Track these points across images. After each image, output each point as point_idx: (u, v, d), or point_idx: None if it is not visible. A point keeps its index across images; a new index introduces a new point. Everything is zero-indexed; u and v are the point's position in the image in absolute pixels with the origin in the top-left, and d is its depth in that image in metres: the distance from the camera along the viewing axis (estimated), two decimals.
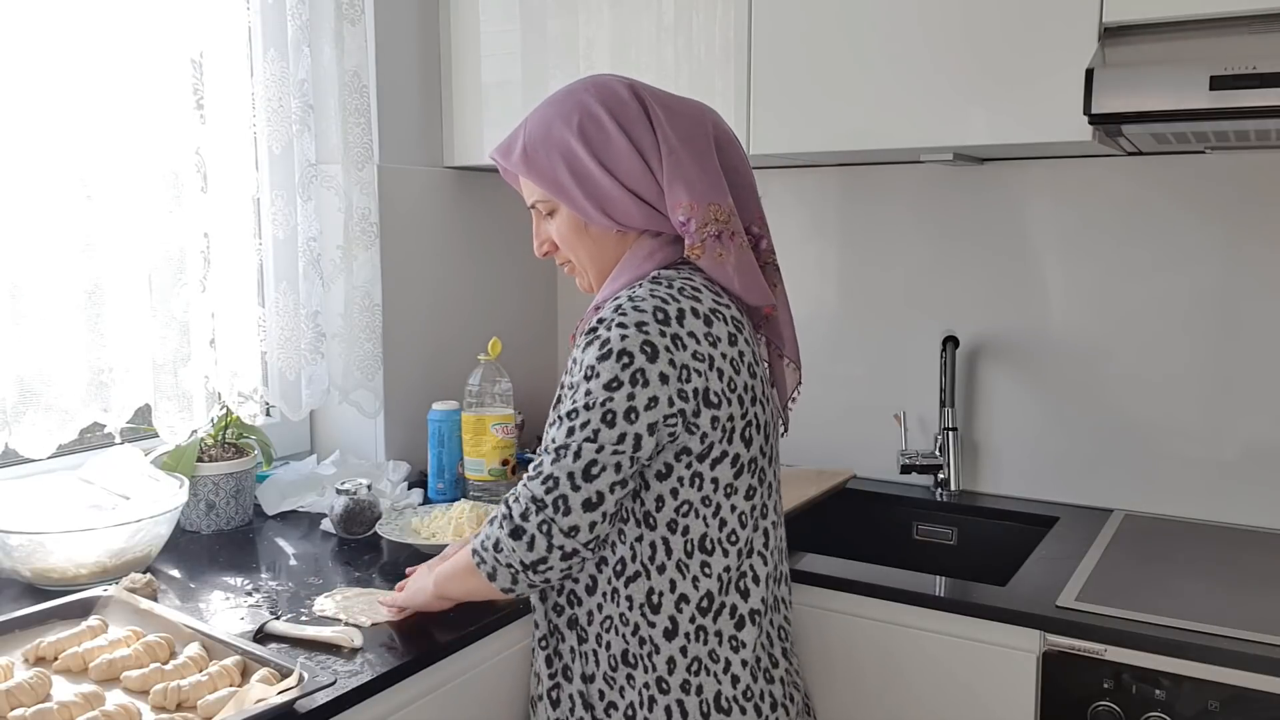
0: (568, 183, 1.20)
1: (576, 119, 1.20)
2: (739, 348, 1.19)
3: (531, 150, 1.22)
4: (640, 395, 1.10)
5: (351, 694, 1.15)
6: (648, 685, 1.20)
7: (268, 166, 1.76)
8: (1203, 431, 1.79)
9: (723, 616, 1.20)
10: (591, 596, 1.22)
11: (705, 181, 1.19)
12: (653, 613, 1.19)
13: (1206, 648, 1.28)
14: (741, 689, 1.20)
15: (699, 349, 1.14)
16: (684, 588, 1.18)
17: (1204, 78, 1.32)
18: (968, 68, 1.58)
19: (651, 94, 1.23)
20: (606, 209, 1.20)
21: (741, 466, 1.19)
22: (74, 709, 1.07)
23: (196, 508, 1.70)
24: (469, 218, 2.16)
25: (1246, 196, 1.73)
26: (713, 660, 1.19)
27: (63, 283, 1.49)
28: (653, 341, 1.11)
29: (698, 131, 1.22)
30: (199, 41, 1.63)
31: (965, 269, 1.97)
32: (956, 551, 1.92)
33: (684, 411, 1.13)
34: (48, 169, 1.46)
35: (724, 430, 1.16)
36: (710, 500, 1.17)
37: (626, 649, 1.20)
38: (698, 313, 1.15)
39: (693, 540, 1.17)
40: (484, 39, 2.02)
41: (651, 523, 1.17)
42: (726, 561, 1.19)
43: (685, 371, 1.12)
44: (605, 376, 1.11)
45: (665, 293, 1.15)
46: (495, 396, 1.88)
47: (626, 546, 1.19)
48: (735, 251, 1.20)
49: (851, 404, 2.09)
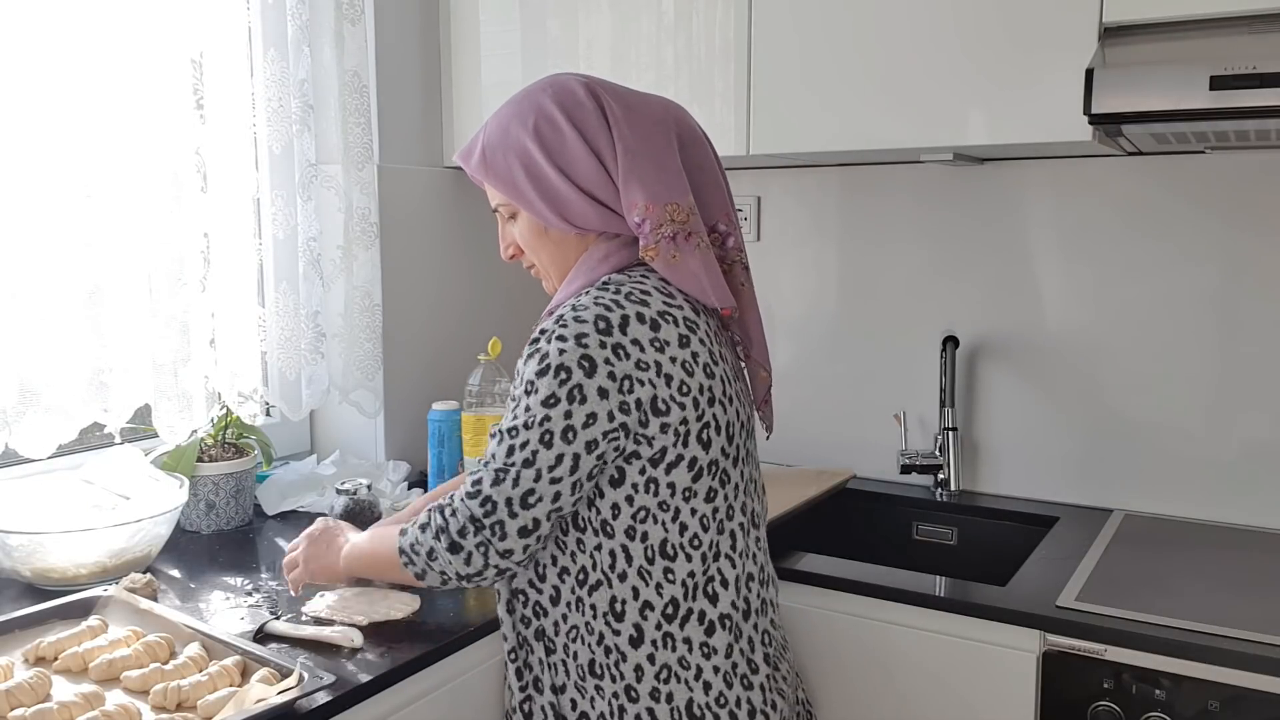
0: (524, 186, 1.19)
1: (532, 120, 1.18)
2: (691, 349, 1.15)
3: (490, 153, 1.21)
4: (578, 412, 1.09)
5: (351, 694, 1.15)
6: (616, 695, 1.18)
7: (268, 166, 1.76)
8: (1203, 431, 1.79)
9: (690, 623, 1.17)
10: (556, 607, 1.20)
11: (663, 181, 1.16)
12: (616, 621, 1.16)
13: (1206, 648, 1.28)
14: (714, 695, 1.17)
15: (643, 356, 1.11)
16: (647, 595, 1.16)
17: (1204, 78, 1.32)
18: (967, 68, 1.58)
19: (611, 92, 1.20)
20: (563, 212, 1.18)
21: (700, 469, 1.15)
22: (74, 709, 1.07)
23: (196, 508, 1.70)
24: (469, 218, 2.16)
25: (1246, 196, 1.73)
26: (683, 667, 1.17)
27: (63, 283, 1.48)
28: (590, 355, 1.09)
29: (657, 130, 1.19)
30: (199, 41, 1.63)
31: (965, 269, 1.97)
32: (956, 551, 1.92)
33: (626, 425, 1.11)
34: (48, 169, 1.46)
35: (676, 434, 1.13)
36: (668, 505, 1.14)
37: (593, 659, 1.18)
38: (643, 318, 1.12)
39: (653, 546, 1.15)
40: (484, 39, 2.02)
41: (609, 531, 1.15)
42: (690, 566, 1.16)
43: (628, 382, 1.10)
44: (543, 392, 1.10)
45: (610, 299, 1.13)
46: (495, 396, 1.88)
47: (586, 555, 1.17)
48: (692, 252, 1.16)
49: (851, 404, 2.09)
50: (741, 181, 2.13)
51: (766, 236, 2.14)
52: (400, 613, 1.35)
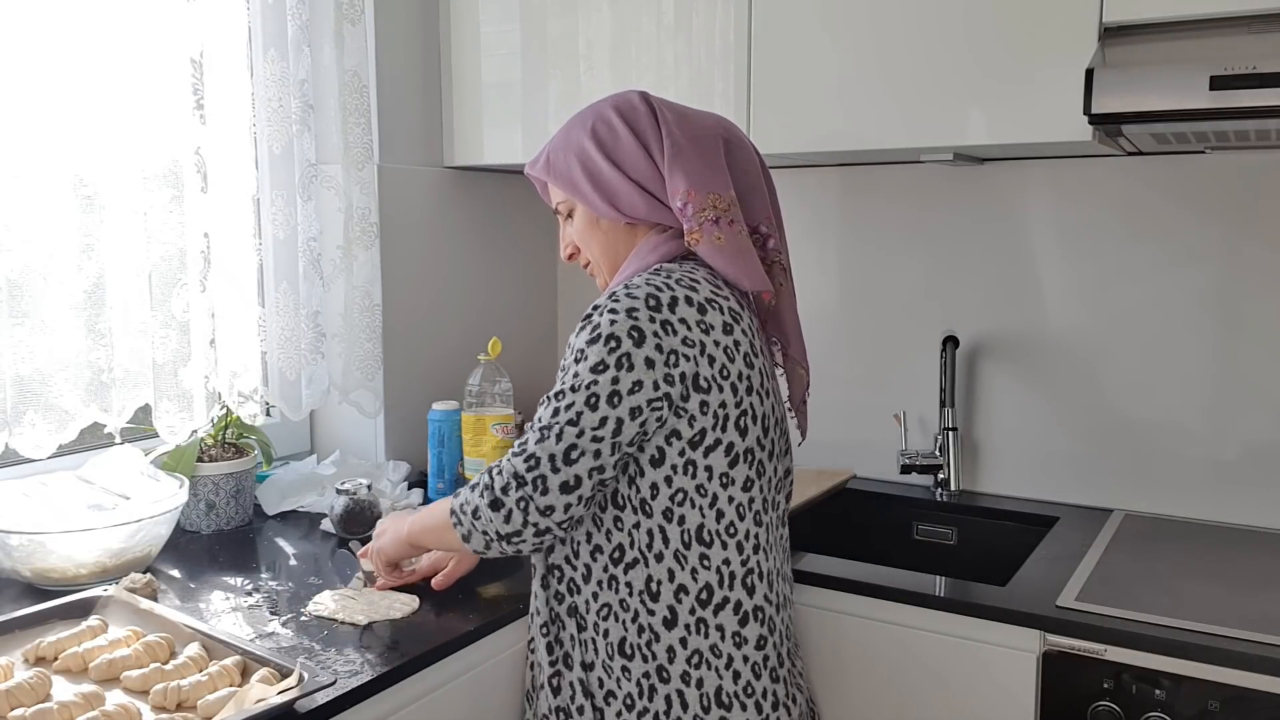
0: (579, 179, 1.28)
1: (591, 124, 1.29)
2: (734, 336, 1.21)
3: (553, 156, 1.32)
4: (624, 379, 1.14)
5: (351, 694, 1.15)
6: (647, 675, 1.21)
7: (268, 166, 1.77)
8: (1203, 431, 1.79)
9: (725, 611, 1.20)
10: (588, 584, 1.24)
11: (706, 173, 1.24)
12: (652, 600, 1.20)
13: (1206, 648, 1.28)
14: (743, 685, 1.21)
15: (689, 335, 1.16)
16: (682, 578, 1.19)
17: (1204, 78, 1.32)
18: (968, 68, 1.58)
19: (667, 104, 1.30)
20: (613, 201, 1.26)
21: (736, 456, 1.20)
22: (74, 709, 1.07)
23: (196, 508, 1.70)
24: (469, 218, 2.16)
25: (1246, 196, 1.73)
26: (714, 655, 1.20)
27: (63, 283, 1.49)
28: (640, 327, 1.15)
29: (705, 132, 1.28)
30: (199, 41, 1.63)
31: (965, 269, 1.97)
32: (956, 551, 1.92)
33: (669, 395, 1.15)
34: (48, 169, 1.46)
35: (715, 417, 1.18)
36: (705, 490, 1.19)
37: (625, 637, 1.21)
38: (691, 300, 1.18)
39: (689, 530, 1.19)
40: (484, 39, 2.02)
41: (648, 510, 1.19)
42: (725, 555, 1.20)
43: (673, 356, 1.15)
44: (592, 360, 1.15)
45: (661, 281, 1.19)
46: (495, 396, 1.88)
47: (624, 533, 1.20)
48: (734, 237, 1.23)
49: (851, 404, 2.09)
50: None
51: None
52: (400, 612, 1.36)
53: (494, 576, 1.50)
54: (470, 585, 1.47)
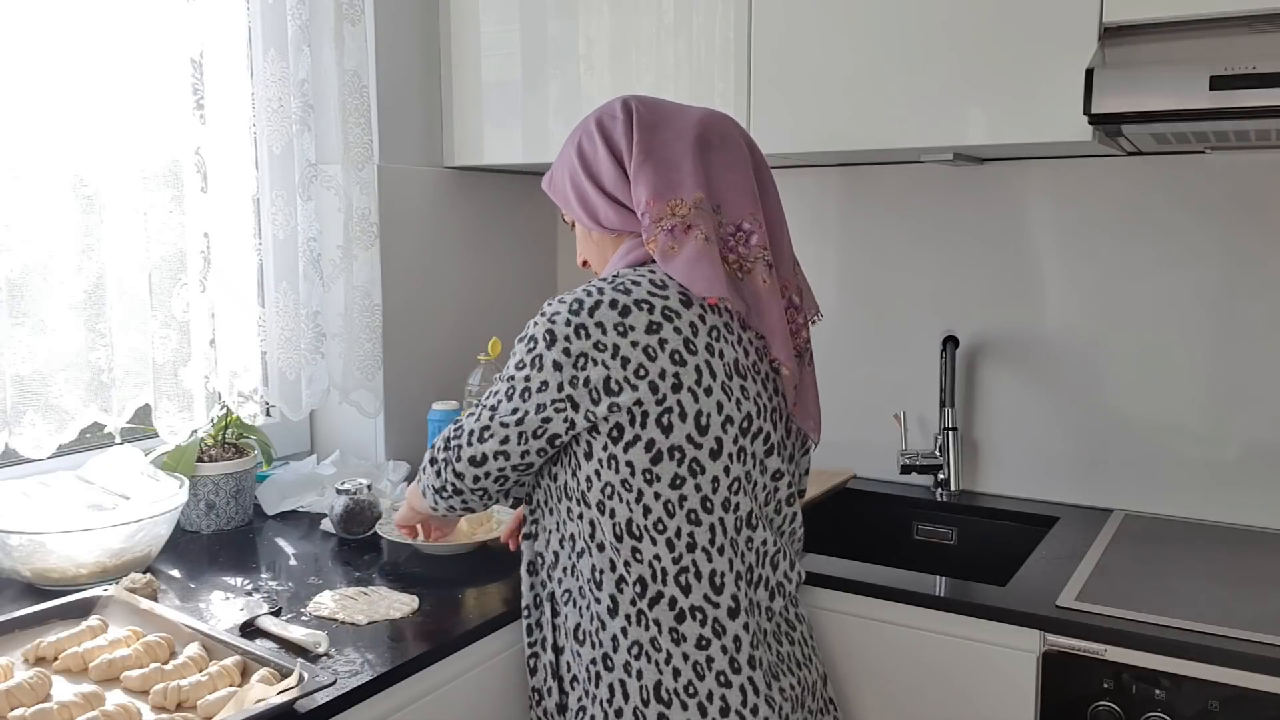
0: (570, 195, 1.33)
1: (579, 138, 1.32)
2: (660, 336, 1.19)
3: (555, 173, 1.37)
4: (535, 377, 1.21)
5: (351, 694, 1.15)
6: (594, 661, 1.25)
7: (268, 166, 1.77)
8: (1203, 431, 1.80)
9: (660, 606, 1.21)
10: (556, 571, 1.30)
11: (669, 179, 1.25)
12: (597, 589, 1.24)
13: (1206, 648, 1.28)
14: (683, 683, 1.21)
15: (602, 339, 1.19)
16: (620, 570, 1.22)
17: (1204, 78, 1.32)
18: (968, 68, 1.58)
19: (650, 105, 1.30)
20: (594, 215, 1.31)
21: (659, 453, 1.19)
22: (74, 709, 1.07)
23: (196, 508, 1.70)
24: (469, 218, 2.16)
25: (1247, 196, 1.73)
26: (654, 648, 1.22)
27: (63, 283, 1.49)
28: (554, 330, 1.20)
29: (679, 136, 1.27)
30: (199, 41, 1.63)
31: (965, 269, 1.97)
32: (956, 551, 1.92)
33: (573, 399, 1.20)
34: (48, 169, 1.46)
35: (631, 415, 1.19)
36: (630, 485, 1.21)
37: (579, 623, 1.27)
38: (616, 303, 1.20)
39: (620, 524, 1.22)
40: (484, 39, 2.02)
41: (587, 501, 1.24)
42: (656, 550, 1.21)
43: (581, 359, 1.19)
44: (518, 356, 1.24)
45: (597, 285, 1.23)
46: None
47: (574, 523, 1.26)
48: (689, 244, 1.23)
49: (851, 404, 2.10)
50: None
51: None
52: (400, 612, 1.36)
53: (493, 577, 1.50)
54: (469, 585, 1.47)
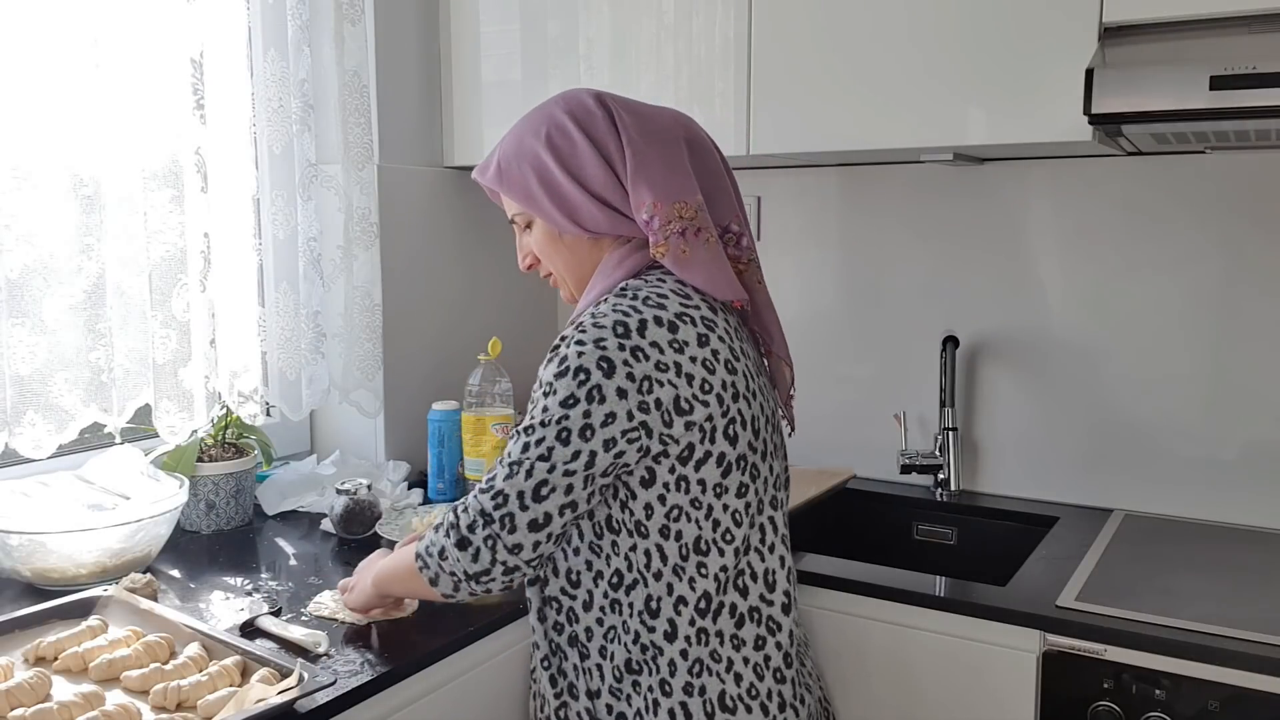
0: (538, 193, 1.22)
1: (544, 131, 1.22)
2: (711, 347, 1.17)
3: (505, 165, 1.25)
4: (596, 411, 1.11)
5: (351, 694, 1.15)
6: (651, 689, 1.19)
7: (268, 166, 1.77)
8: (1203, 431, 1.79)
9: (722, 616, 1.19)
10: (589, 612, 1.22)
11: (671, 181, 1.19)
12: (651, 618, 1.18)
13: (1206, 648, 1.28)
14: (745, 687, 1.20)
15: (662, 358, 1.13)
16: (681, 590, 1.18)
17: (1204, 78, 1.32)
18: (967, 68, 1.58)
19: (621, 103, 1.24)
20: (575, 217, 1.22)
21: (729, 465, 1.17)
22: (74, 709, 1.07)
23: (196, 508, 1.70)
24: (469, 218, 2.16)
25: (1246, 196, 1.73)
26: (714, 660, 1.19)
27: (63, 283, 1.48)
28: (609, 357, 1.11)
29: (667, 136, 1.23)
30: (199, 41, 1.63)
31: (965, 269, 1.97)
32: (956, 551, 1.92)
33: (647, 424, 1.12)
34: (48, 168, 1.46)
35: (702, 431, 1.15)
36: (700, 502, 1.17)
37: (629, 657, 1.20)
38: (661, 320, 1.15)
39: (687, 544, 1.17)
40: (484, 39, 2.02)
41: (644, 531, 1.17)
42: (723, 561, 1.19)
43: (647, 383, 1.12)
44: (562, 393, 1.12)
45: (628, 305, 1.15)
46: (495, 396, 1.88)
47: (621, 557, 1.19)
48: (701, 247, 1.19)
49: (851, 404, 2.09)
50: (742, 181, 2.10)
51: (767, 236, 2.14)
52: (400, 612, 1.36)
53: None
54: None
